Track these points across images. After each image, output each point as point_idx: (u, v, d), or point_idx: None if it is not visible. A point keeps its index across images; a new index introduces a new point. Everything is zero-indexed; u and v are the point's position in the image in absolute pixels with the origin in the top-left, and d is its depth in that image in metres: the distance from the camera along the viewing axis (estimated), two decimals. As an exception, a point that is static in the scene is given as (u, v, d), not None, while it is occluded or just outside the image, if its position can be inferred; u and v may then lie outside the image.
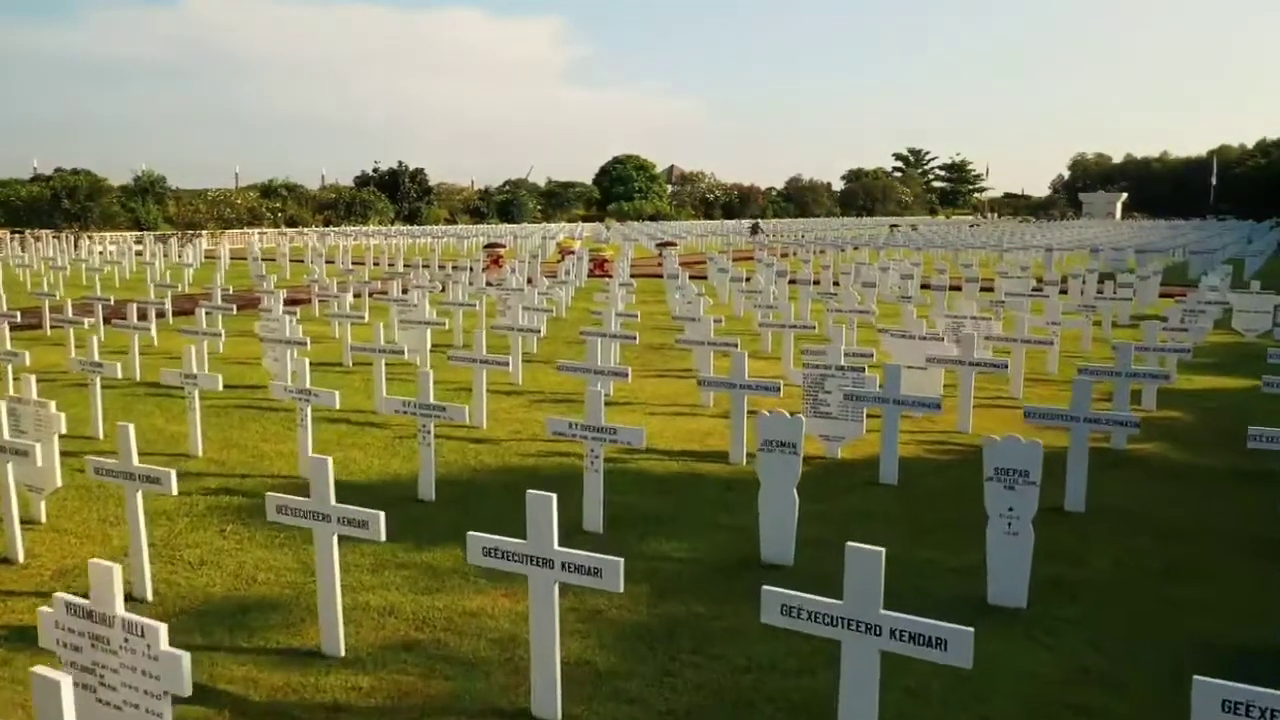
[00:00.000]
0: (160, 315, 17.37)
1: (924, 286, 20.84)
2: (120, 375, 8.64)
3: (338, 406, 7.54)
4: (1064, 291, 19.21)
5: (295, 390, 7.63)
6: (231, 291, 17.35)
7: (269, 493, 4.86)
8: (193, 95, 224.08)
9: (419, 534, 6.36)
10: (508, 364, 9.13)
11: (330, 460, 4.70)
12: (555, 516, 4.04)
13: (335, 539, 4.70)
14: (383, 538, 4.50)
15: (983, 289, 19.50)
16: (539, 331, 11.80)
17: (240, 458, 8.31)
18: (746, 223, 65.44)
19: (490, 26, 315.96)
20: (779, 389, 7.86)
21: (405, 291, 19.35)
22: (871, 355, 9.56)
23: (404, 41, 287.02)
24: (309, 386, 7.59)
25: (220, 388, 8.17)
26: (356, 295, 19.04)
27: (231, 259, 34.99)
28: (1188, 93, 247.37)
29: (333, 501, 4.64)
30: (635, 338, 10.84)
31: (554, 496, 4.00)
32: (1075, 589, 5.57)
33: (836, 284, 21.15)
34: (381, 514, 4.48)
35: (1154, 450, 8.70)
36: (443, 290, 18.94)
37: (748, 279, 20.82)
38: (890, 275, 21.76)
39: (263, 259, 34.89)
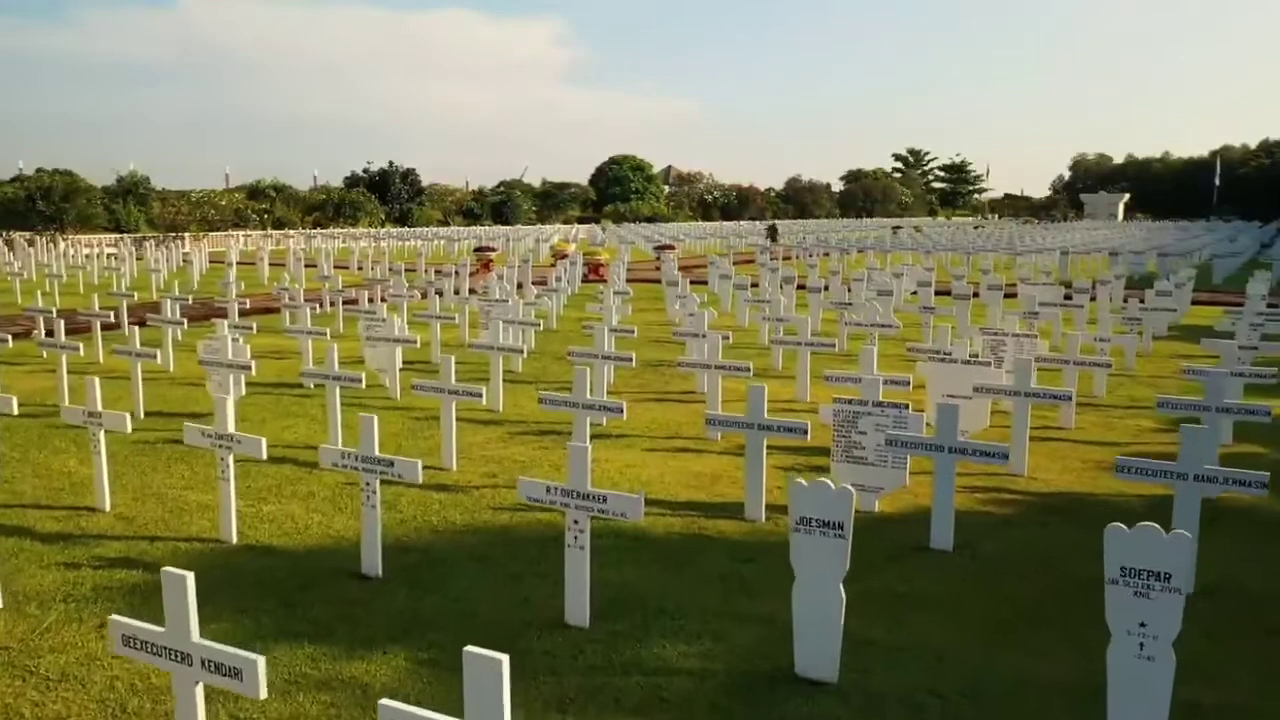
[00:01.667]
0: (114, 327, 15.98)
1: (942, 293, 19.46)
2: (15, 410, 7.22)
3: (265, 456, 6.11)
4: (1093, 298, 17.86)
5: (213, 435, 6.22)
6: (191, 301, 15.90)
7: (113, 616, 3.45)
8: (189, 97, 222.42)
9: (353, 630, 4.95)
10: (480, 395, 7.73)
11: (191, 578, 3.28)
12: (506, 685, 2.64)
13: (201, 686, 3.30)
14: (261, 693, 3.10)
15: (1006, 295, 18.12)
16: (521, 351, 10.39)
17: (155, 513, 6.89)
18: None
19: (488, 27, 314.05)
20: (806, 431, 6.46)
21: (384, 300, 17.97)
22: (908, 383, 8.18)
23: (402, 42, 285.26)
24: (231, 430, 6.17)
25: (129, 429, 6.74)
26: (331, 304, 17.65)
27: (211, 263, 33.58)
28: (1188, 93, 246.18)
29: (194, 635, 3.23)
30: (631, 360, 9.45)
31: (505, 660, 2.60)
32: (1218, 721, 4.17)
33: (848, 289, 19.78)
34: (261, 660, 3.08)
35: (1250, 498, 7.30)
36: (423, 298, 17.53)
37: (753, 285, 19.44)
38: (904, 281, 20.39)
39: (244, 263, 33.48)
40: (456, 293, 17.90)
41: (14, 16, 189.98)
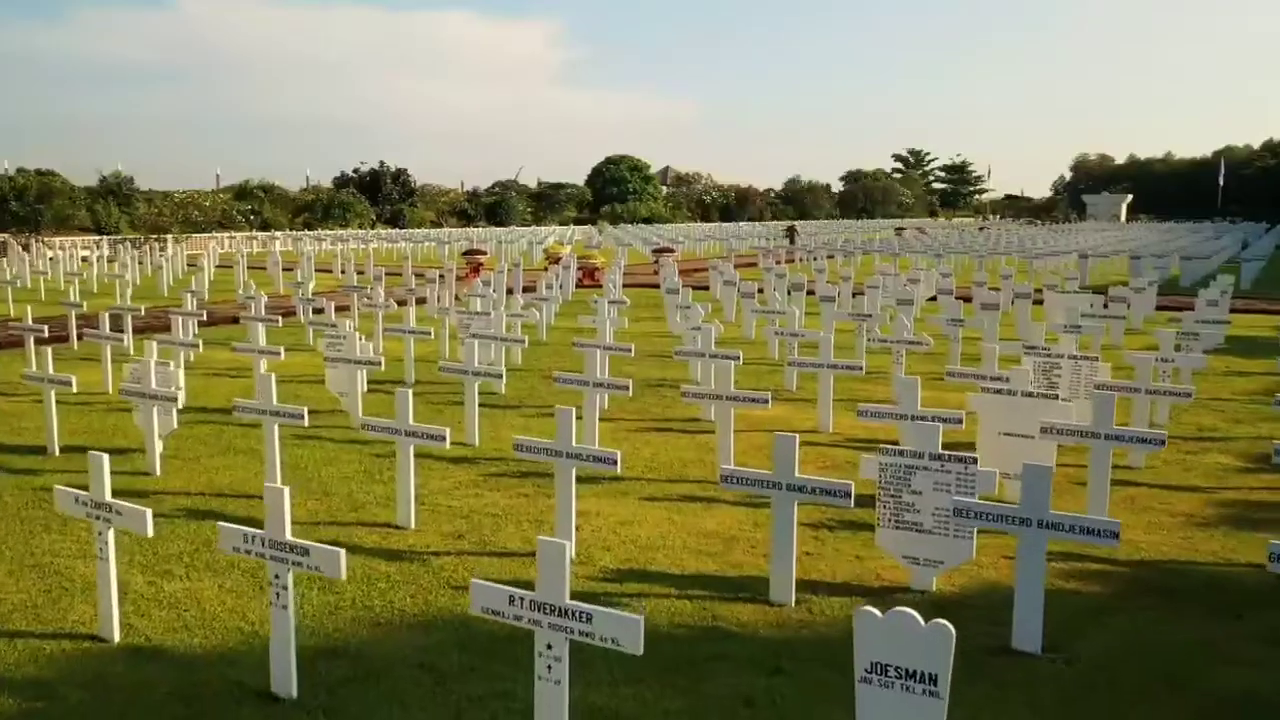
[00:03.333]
0: (60, 339, 14.60)
1: (964, 300, 18.08)
2: None
3: (149, 532, 4.71)
4: (1127, 306, 16.48)
5: (89, 502, 4.82)
6: (143, 311, 14.49)
7: None
8: (187, 97, 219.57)
9: (238, 801, 3.56)
10: (443, 438, 6.33)
11: None
12: None
13: None
14: None
15: (1034, 302, 16.78)
16: (500, 375, 9.00)
17: (29, 593, 5.48)
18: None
19: (485, 28, 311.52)
20: (849, 494, 5.08)
21: (362, 307, 16.58)
22: (960, 422, 6.79)
23: (399, 43, 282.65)
24: (108, 499, 4.78)
25: (-8, 490, 5.34)
26: (311, 313, 16.23)
27: (190, 266, 32.14)
28: (1190, 93, 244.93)
29: None
30: (628, 388, 8.05)
31: None
32: None
33: (858, 295, 18.44)
34: None
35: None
36: (401, 306, 16.12)
37: (760, 291, 18.05)
38: (921, 287, 19.01)
39: (223, 266, 32.06)
40: (439, 301, 16.50)
41: (10, 16, 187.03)
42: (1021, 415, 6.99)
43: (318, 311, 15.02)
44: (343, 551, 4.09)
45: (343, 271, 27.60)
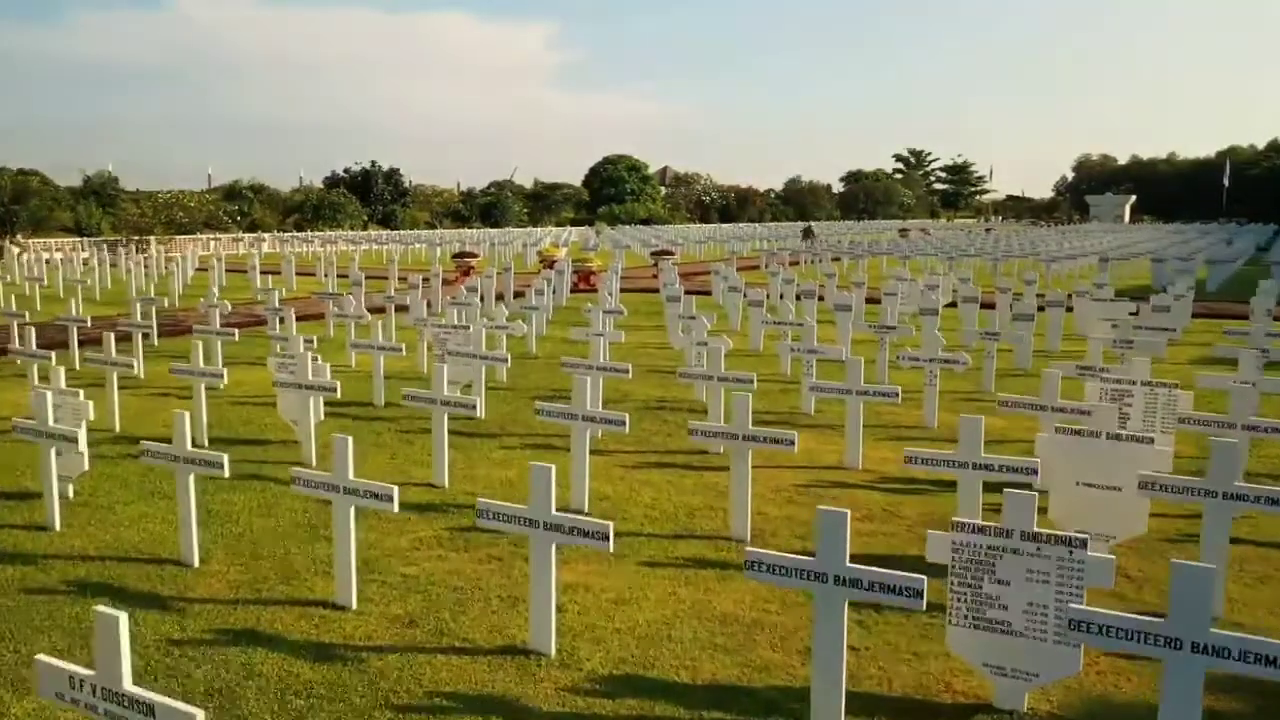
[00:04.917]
0: (3, 352, 13.30)
1: (986, 307, 16.82)
2: None
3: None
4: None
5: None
6: (90, 323, 13.12)
7: None
8: (184, 98, 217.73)
9: None
10: (391, 500, 5.00)
11: None
12: None
13: None
14: None
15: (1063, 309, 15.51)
16: (473, 406, 7.68)
17: None
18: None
19: (482, 29, 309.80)
20: (921, 593, 3.77)
21: (339, 313, 15.24)
22: (1035, 472, 5.50)
23: (396, 45, 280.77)
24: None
25: None
26: (279, 323, 14.87)
27: (164, 269, 30.76)
28: (1194, 92, 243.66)
29: None
30: (624, 423, 6.71)
31: None
32: None
33: (872, 301, 17.19)
34: None
35: None
36: (379, 314, 14.79)
37: (767, 297, 16.73)
38: (939, 294, 17.69)
39: (201, 269, 30.70)
40: (429, 306, 15.13)
41: (8, 17, 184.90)
42: (1105, 462, 5.70)
43: (283, 321, 13.68)
44: (201, 714, 2.77)
45: (325, 275, 26.28)
